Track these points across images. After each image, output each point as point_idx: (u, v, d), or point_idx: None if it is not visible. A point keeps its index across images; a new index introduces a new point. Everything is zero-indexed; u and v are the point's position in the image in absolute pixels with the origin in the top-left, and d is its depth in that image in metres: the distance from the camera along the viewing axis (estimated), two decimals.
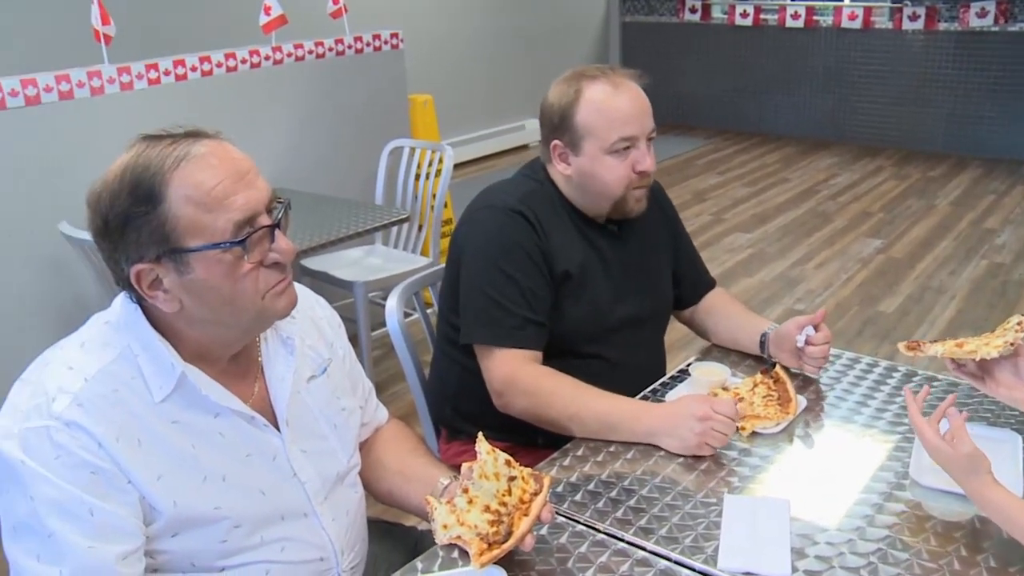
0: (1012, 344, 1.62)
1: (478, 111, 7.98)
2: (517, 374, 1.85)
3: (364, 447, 1.62)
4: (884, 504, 1.56)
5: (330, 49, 4.27)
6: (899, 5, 8.21)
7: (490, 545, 1.32)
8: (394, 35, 4.54)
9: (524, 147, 8.35)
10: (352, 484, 1.53)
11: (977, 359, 1.64)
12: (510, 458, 1.40)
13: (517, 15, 8.32)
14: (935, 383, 2.00)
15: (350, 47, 4.35)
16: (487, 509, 1.34)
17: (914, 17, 8.15)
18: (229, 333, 1.33)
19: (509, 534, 1.31)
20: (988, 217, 6.42)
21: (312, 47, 4.20)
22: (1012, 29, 7.79)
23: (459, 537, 1.36)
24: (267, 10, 3.98)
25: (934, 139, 8.35)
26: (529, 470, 1.42)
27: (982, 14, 7.84)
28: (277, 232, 1.29)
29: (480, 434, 1.41)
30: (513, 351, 1.87)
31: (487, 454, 1.38)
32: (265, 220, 1.27)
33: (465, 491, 1.35)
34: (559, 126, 1.93)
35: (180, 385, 1.28)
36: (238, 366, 1.38)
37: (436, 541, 1.39)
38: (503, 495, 1.35)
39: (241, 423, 1.35)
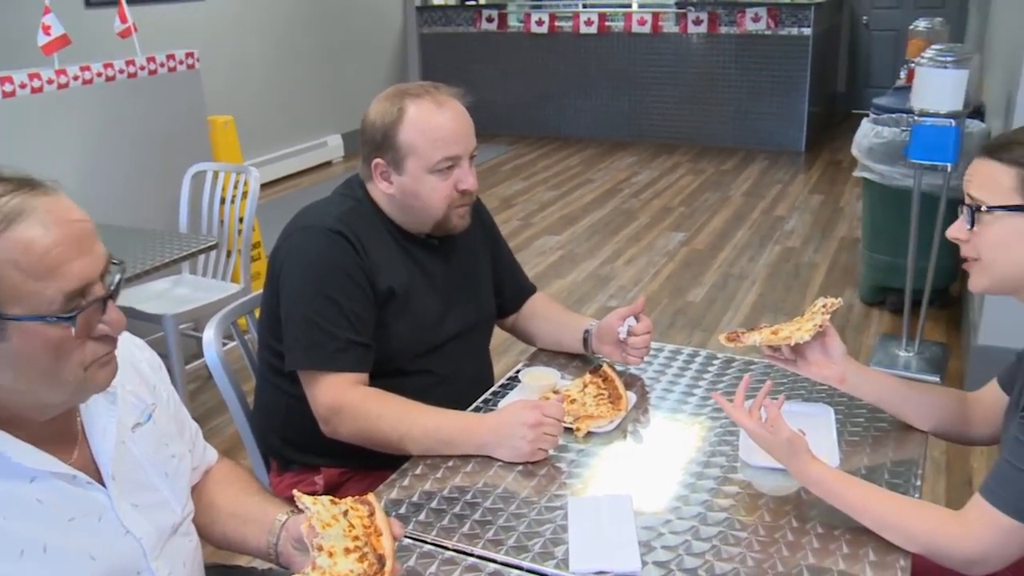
0: (820, 326, 1.72)
1: (280, 130, 7.80)
2: (342, 398, 1.81)
3: (195, 491, 1.53)
4: (720, 488, 1.62)
5: (121, 71, 4.05)
6: (683, 10, 8.62)
7: None
8: (189, 55, 4.37)
9: (328, 164, 8.23)
10: (186, 533, 1.44)
11: (791, 344, 1.72)
12: (331, 497, 1.37)
13: (315, 31, 8.19)
14: (752, 366, 2.09)
15: (143, 68, 4.14)
16: (349, 551, 1.29)
17: (698, 21, 8.58)
18: (43, 404, 1.21)
19: (380, 557, 1.28)
20: (777, 205, 6.81)
21: (101, 69, 3.97)
22: (782, 33, 8.34)
23: None
24: (46, 30, 3.71)
25: (724, 135, 8.81)
26: (351, 498, 1.38)
27: (756, 19, 8.37)
28: (109, 303, 1.18)
29: (295, 492, 1.35)
30: (337, 375, 1.82)
31: (313, 504, 1.33)
32: (99, 290, 1.15)
33: (320, 548, 1.30)
34: (381, 144, 1.89)
35: None
36: (55, 424, 1.27)
37: None
38: (350, 530, 1.32)
39: (61, 485, 1.24)
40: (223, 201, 3.85)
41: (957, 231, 1.52)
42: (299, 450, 2.02)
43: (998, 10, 5.28)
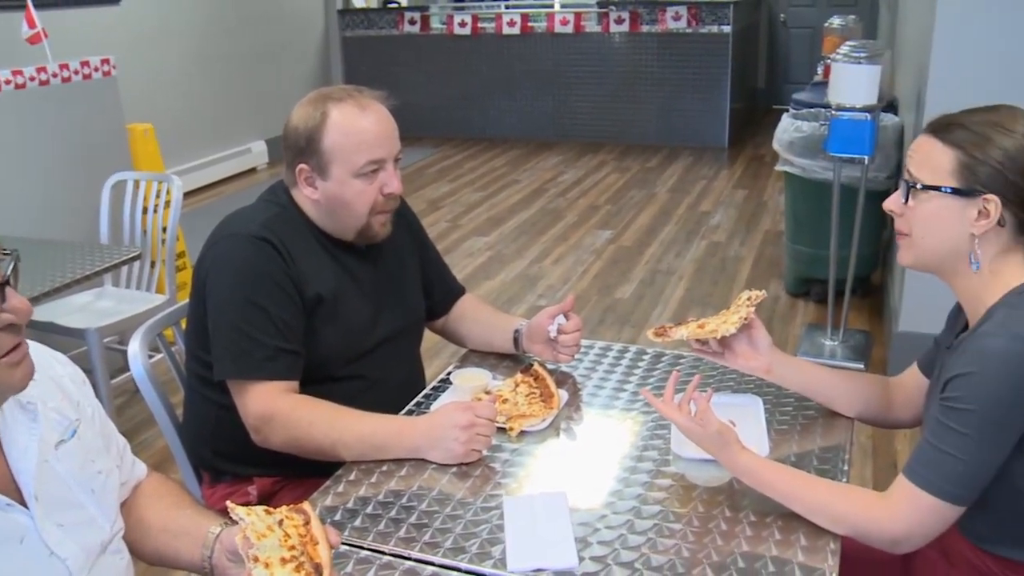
0: (746, 318, 1.75)
1: (202, 137, 7.68)
2: (273, 407, 1.79)
3: (125, 507, 1.50)
4: (653, 481, 1.64)
5: (31, 79, 3.93)
6: (605, 10, 8.70)
7: None
8: (105, 61, 4.26)
9: (252, 171, 8.13)
10: (117, 551, 1.40)
11: (718, 337, 1.75)
12: (265, 507, 1.35)
13: (237, 37, 8.08)
14: (681, 360, 2.12)
15: (55, 76, 4.03)
16: (285, 561, 1.28)
17: (619, 21, 8.67)
18: None
19: (317, 566, 1.26)
20: (702, 201, 6.91)
21: (9, 76, 3.85)
22: (703, 31, 8.48)
23: None
24: None
25: (647, 132, 8.91)
26: (285, 507, 1.37)
27: (677, 17, 8.48)
28: (8, 290, 1.13)
29: (228, 503, 1.33)
30: (267, 383, 1.80)
31: (247, 515, 1.31)
32: None
33: (255, 560, 1.28)
34: (305, 150, 1.87)
35: None
36: None
37: None
38: (285, 540, 1.30)
39: None
40: (145, 211, 3.78)
41: (892, 204, 1.55)
42: (231, 461, 1.99)
43: (906, 8, 5.43)
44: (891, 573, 1.67)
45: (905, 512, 1.41)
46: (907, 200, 1.51)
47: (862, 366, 4.00)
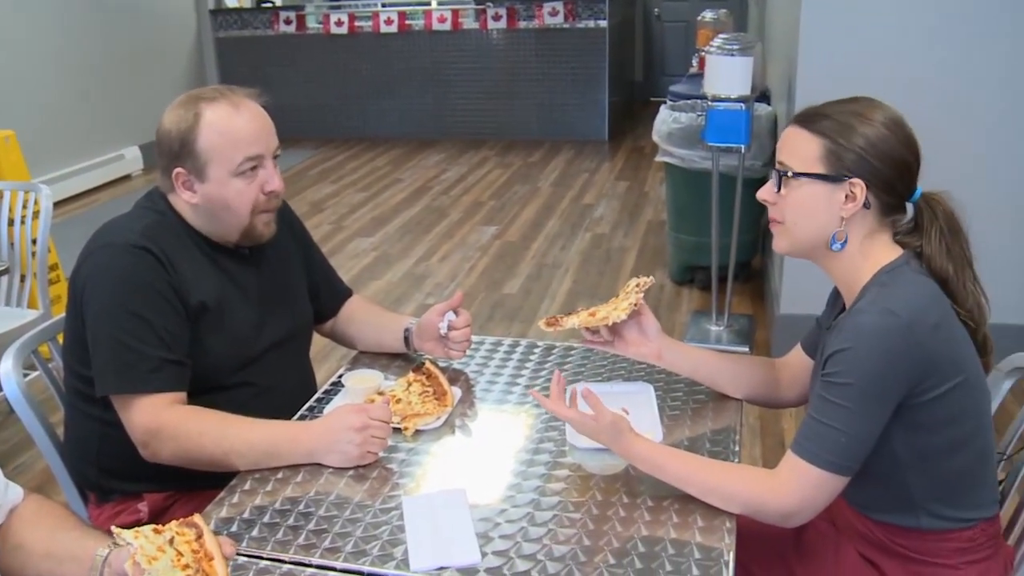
0: (635, 305, 1.78)
1: (70, 144, 7.38)
2: (161, 420, 1.73)
3: (0, 535, 1.43)
4: (551, 473, 1.65)
5: None
6: (482, 7, 8.71)
7: None
8: None
9: (127, 177, 7.86)
10: None
11: (609, 324, 1.77)
12: (155, 525, 1.31)
13: (103, 39, 7.78)
14: (572, 352, 2.14)
15: None
16: None
17: (497, 17, 8.70)
18: None
19: None
20: (585, 194, 7.00)
21: None
22: (580, 26, 8.58)
23: None
24: None
25: (529, 128, 8.97)
26: (175, 522, 1.33)
27: (554, 13, 8.57)
28: None
29: (113, 528, 1.29)
30: (153, 396, 1.74)
31: (135, 538, 1.27)
32: None
33: None
34: (180, 153, 1.82)
35: None
36: None
37: None
38: (178, 559, 1.26)
39: None
40: (11, 222, 3.61)
41: (766, 193, 1.61)
42: (118, 478, 1.92)
43: (774, 2, 5.61)
44: (784, 547, 1.72)
45: (795, 486, 1.46)
46: (779, 189, 1.57)
47: (747, 349, 4.11)
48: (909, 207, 1.57)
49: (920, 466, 1.52)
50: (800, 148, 1.55)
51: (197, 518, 1.32)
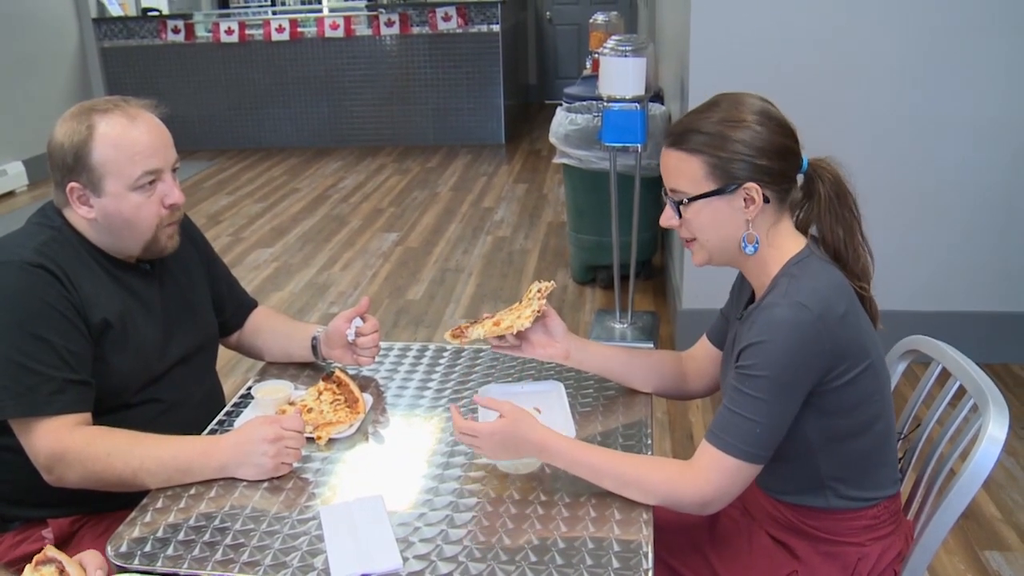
0: (538, 311, 1.80)
1: None
2: (65, 443, 1.68)
3: None
4: (467, 475, 1.66)
5: None
6: (375, 13, 8.67)
7: None
8: None
9: (11, 194, 7.57)
10: None
11: (514, 332, 1.79)
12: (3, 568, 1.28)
13: None
14: (480, 355, 2.16)
15: None
16: None
17: (390, 23, 8.67)
18: None
19: None
20: (484, 197, 7.03)
21: None
22: (473, 30, 8.62)
23: None
24: None
25: (425, 133, 8.96)
26: (29, 566, 1.29)
27: (447, 18, 8.58)
28: None
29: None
30: (56, 419, 1.69)
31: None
32: None
33: None
34: (74, 167, 1.76)
35: None
36: None
37: None
38: None
39: None
40: None
41: (668, 220, 1.63)
42: (19, 505, 1.86)
43: (663, 4, 5.73)
44: (700, 534, 1.77)
45: (712, 475, 1.50)
46: (680, 215, 1.60)
47: (652, 345, 4.19)
48: (799, 178, 1.61)
49: (829, 448, 1.58)
50: (684, 171, 1.56)
51: (50, 550, 1.28)
